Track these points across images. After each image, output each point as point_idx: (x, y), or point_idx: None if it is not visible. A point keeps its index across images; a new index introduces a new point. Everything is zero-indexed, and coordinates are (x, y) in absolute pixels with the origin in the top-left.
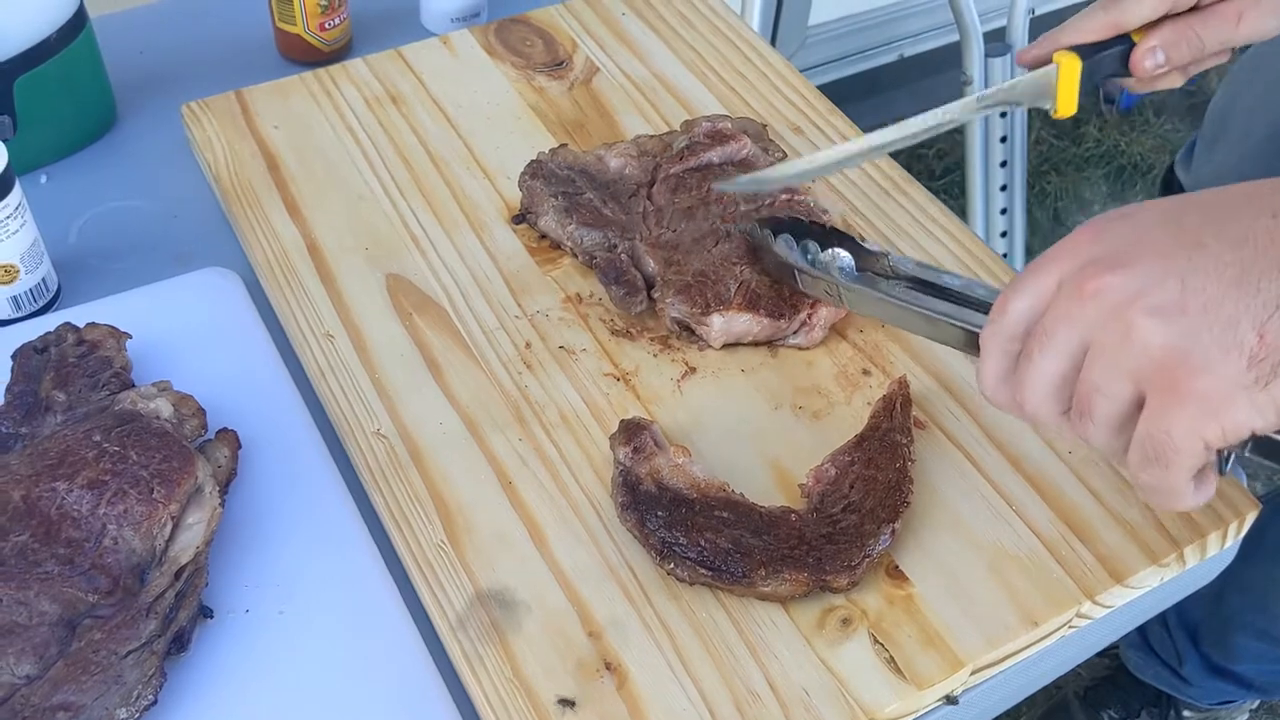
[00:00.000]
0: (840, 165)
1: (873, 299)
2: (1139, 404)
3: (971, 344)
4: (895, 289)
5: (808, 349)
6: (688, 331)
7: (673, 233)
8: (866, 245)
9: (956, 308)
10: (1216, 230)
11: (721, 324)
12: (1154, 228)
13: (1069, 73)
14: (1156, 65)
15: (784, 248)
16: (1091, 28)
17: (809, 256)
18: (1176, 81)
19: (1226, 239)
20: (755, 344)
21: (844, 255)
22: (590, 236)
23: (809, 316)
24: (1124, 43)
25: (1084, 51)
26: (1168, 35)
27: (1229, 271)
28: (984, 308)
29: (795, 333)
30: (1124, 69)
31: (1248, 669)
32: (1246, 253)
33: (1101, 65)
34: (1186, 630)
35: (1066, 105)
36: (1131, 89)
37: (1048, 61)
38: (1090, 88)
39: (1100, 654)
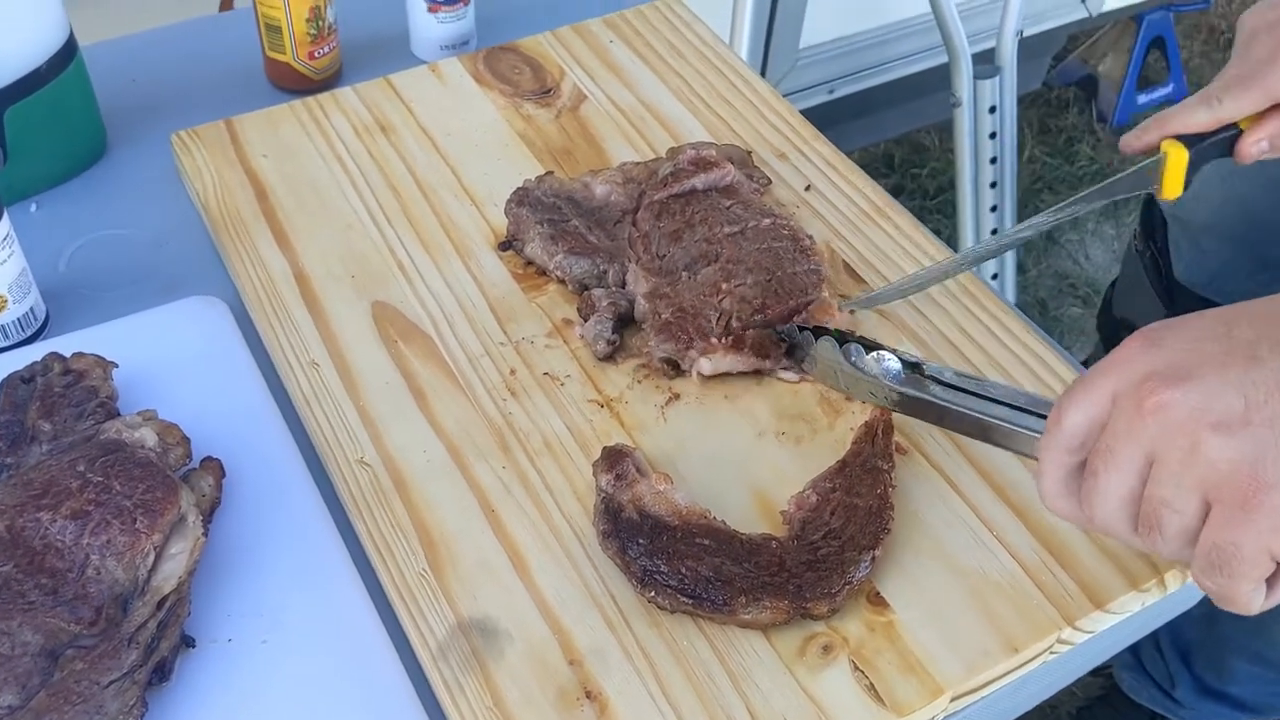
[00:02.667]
0: (942, 278)
1: (924, 403)
2: (1207, 514)
3: (1024, 447)
4: (945, 393)
5: (796, 382)
6: (676, 367)
7: (661, 259)
8: (901, 353)
9: (1010, 411)
10: (1270, 344)
11: (709, 366)
12: (1207, 340)
13: (1176, 163)
14: (1261, 153)
15: (828, 350)
16: (1199, 122)
17: (853, 359)
18: None
19: None
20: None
21: (889, 357)
22: (579, 265)
23: None
24: (1230, 129)
25: (1189, 140)
26: (1274, 127)
27: None
28: (1032, 412)
29: (785, 369)
30: (1228, 152)
31: (1242, 691)
32: None
33: (1206, 153)
34: (1179, 652)
35: (1172, 190)
36: (1246, 162)
37: (1155, 148)
38: (1194, 169)
39: (1094, 674)
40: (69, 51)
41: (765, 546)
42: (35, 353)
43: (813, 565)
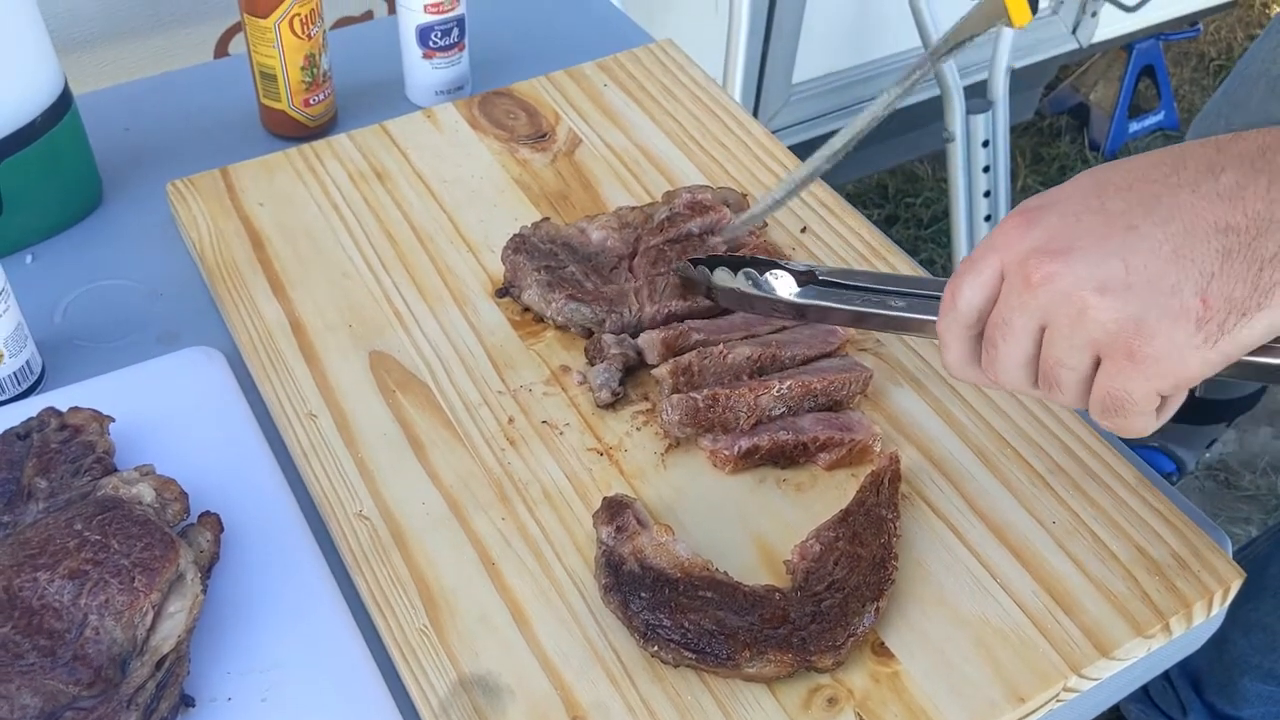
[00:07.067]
0: (808, 181)
1: (829, 310)
2: (1098, 365)
3: (928, 331)
4: (846, 296)
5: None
6: None
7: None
8: (790, 265)
9: (910, 299)
10: (1143, 211)
11: (709, 442)
12: (1084, 215)
13: None
14: None
15: (727, 278)
16: None
17: (752, 282)
18: None
19: (1154, 218)
20: None
21: (785, 275)
22: (581, 311)
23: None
24: None
25: None
26: None
27: (1164, 248)
28: (929, 295)
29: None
30: None
31: (1255, 713)
32: (1175, 228)
33: None
34: (1189, 679)
35: (1020, 15)
36: None
37: None
38: None
39: None
40: (64, 103)
41: (768, 598)
42: (31, 407)
43: (816, 617)
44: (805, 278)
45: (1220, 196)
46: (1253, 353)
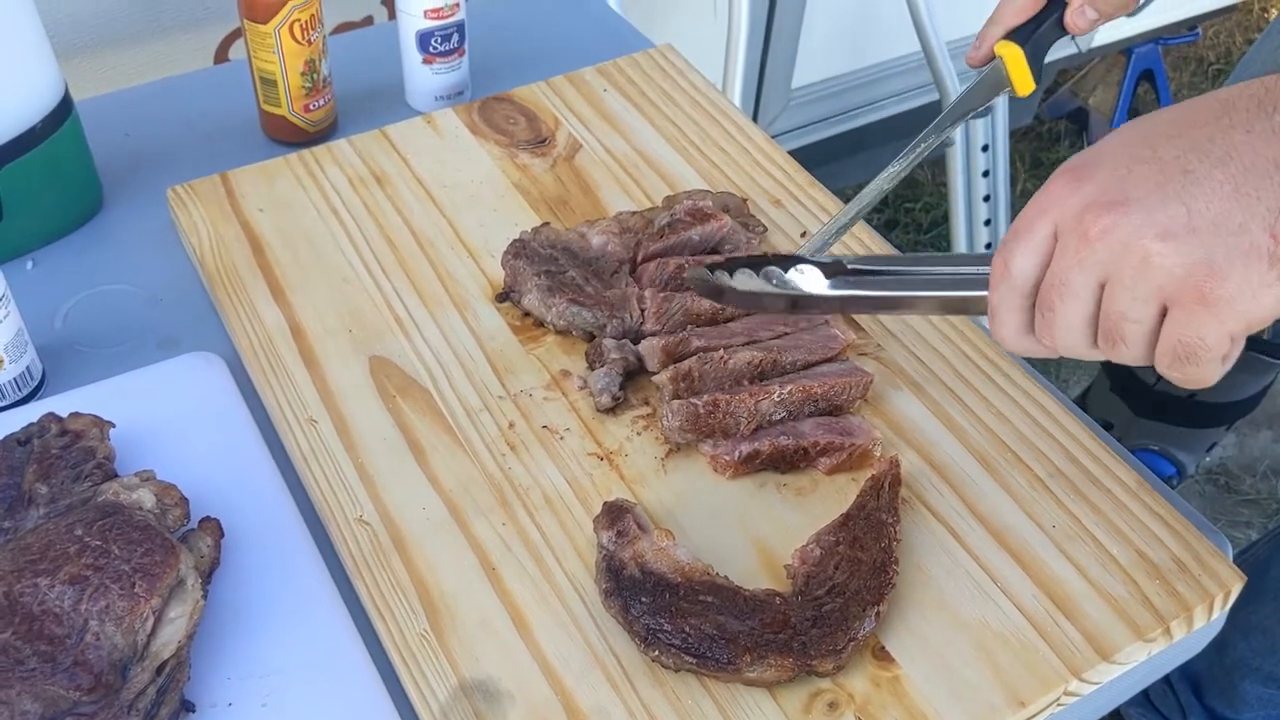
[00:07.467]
0: (848, 225)
1: (861, 299)
2: (1163, 317)
3: (975, 308)
4: (881, 282)
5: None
6: None
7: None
8: (818, 258)
9: (952, 276)
10: (1198, 155)
11: (710, 448)
12: (1135, 165)
13: (1014, 60)
14: (1091, 22)
15: (749, 280)
16: (1020, 7)
17: (775, 281)
18: (1126, 10)
19: (1210, 161)
20: None
21: (811, 269)
22: (583, 315)
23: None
24: (1057, 7)
25: (1021, 34)
26: None
27: (1224, 188)
28: (968, 277)
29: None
30: (1063, 32)
31: (1255, 716)
32: (1234, 168)
33: (1041, 41)
34: (1189, 682)
35: (1023, 86)
36: (1080, 33)
37: (992, 57)
38: (1038, 59)
39: None
40: (65, 109)
41: (769, 603)
42: (32, 413)
43: (817, 622)
44: (833, 269)
45: (1275, 134)
46: None
